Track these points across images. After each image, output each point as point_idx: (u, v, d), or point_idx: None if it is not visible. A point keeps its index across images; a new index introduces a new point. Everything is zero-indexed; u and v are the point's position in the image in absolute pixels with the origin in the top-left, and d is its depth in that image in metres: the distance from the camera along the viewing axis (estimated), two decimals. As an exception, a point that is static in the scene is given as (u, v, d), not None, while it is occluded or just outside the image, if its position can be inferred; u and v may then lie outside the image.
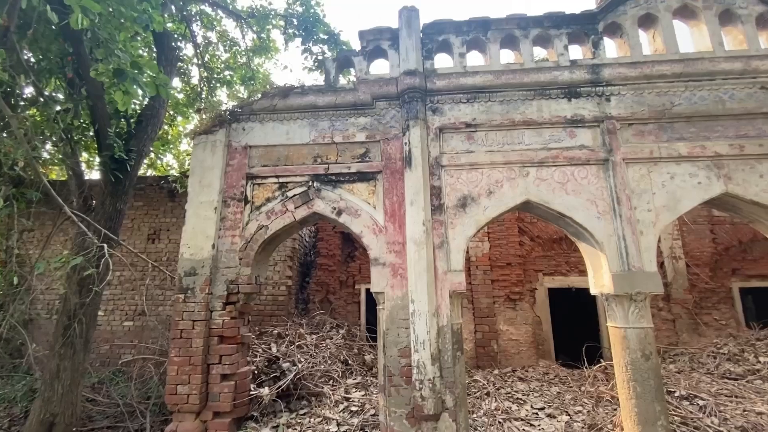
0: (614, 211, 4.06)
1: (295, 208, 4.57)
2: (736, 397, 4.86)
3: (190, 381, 4.15)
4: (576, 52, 4.71)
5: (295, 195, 4.63)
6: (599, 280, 4.16)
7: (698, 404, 4.62)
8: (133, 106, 6.54)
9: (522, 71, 4.57)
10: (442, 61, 4.93)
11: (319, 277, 8.85)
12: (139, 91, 3.67)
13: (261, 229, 4.57)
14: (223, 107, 5.08)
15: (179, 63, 10.27)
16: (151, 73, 3.63)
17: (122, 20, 3.76)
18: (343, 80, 5.52)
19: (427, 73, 4.73)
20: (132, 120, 6.14)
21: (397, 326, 4.10)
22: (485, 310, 8.08)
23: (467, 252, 8.56)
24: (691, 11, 4.56)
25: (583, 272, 8.35)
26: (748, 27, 4.38)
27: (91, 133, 5.91)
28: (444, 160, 4.48)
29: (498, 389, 5.98)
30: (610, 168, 4.15)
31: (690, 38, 4.71)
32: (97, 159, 6.04)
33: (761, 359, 5.71)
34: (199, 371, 4.16)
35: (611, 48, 4.68)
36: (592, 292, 4.29)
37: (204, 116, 5.32)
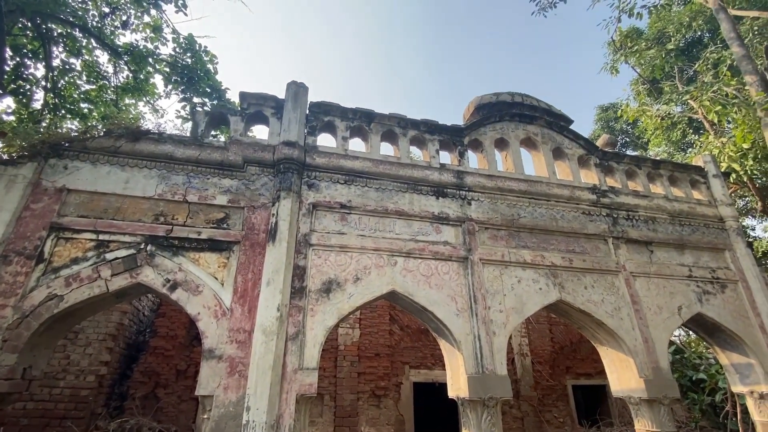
0: (471, 310, 4.13)
1: (112, 275, 3.55)
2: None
3: None
4: (445, 157, 5.19)
5: (116, 259, 3.64)
6: (456, 382, 4.02)
7: None
8: None
9: (398, 164, 4.76)
10: (325, 140, 4.89)
11: (148, 365, 7.04)
12: None
13: (52, 299, 3.37)
14: (41, 135, 4.00)
15: (20, 81, 8.54)
16: None
17: None
18: (223, 138, 5.03)
19: (308, 148, 4.60)
20: None
21: (222, 442, 3.17)
22: (348, 408, 7.31)
23: (336, 340, 7.97)
24: (533, 143, 5.54)
25: (447, 366, 8.41)
26: (573, 164, 5.47)
27: None
28: (314, 238, 4.15)
29: None
30: (469, 266, 4.34)
31: (532, 164, 5.64)
32: None
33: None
34: None
35: (474, 160, 5.29)
36: (450, 395, 4.11)
37: (16, 142, 4.12)
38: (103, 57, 13.61)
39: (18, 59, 8.28)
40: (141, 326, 8.35)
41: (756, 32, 10.41)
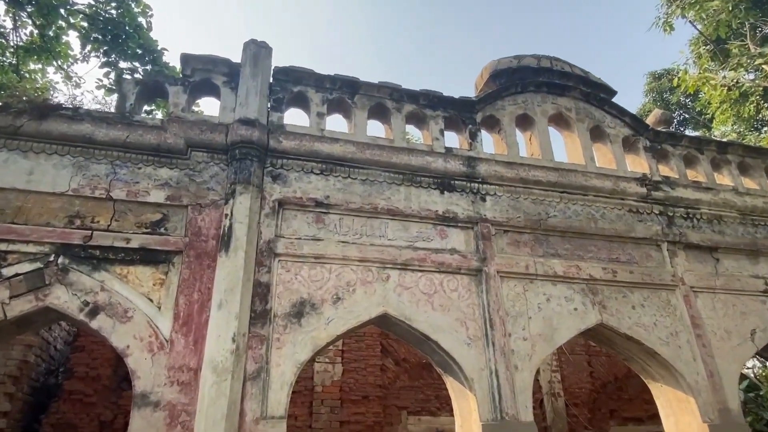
0: (487, 338, 4.16)
1: (11, 297, 3.51)
2: None
3: None
4: (452, 139, 5.22)
5: (17, 275, 3.60)
6: (468, 432, 4.05)
7: None
8: None
9: (391, 149, 4.77)
10: (295, 118, 4.89)
11: (62, 415, 6.98)
12: None
13: (-71, 329, 3.31)
14: None
15: None
16: None
17: None
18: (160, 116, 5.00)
19: (273, 128, 4.59)
20: None
21: None
22: (326, 469, 7.31)
23: (311, 379, 7.96)
24: (565, 121, 5.60)
25: (456, 411, 8.45)
26: (616, 147, 5.55)
27: None
28: (280, 246, 4.14)
29: None
30: (484, 281, 4.37)
31: (563, 149, 5.71)
32: None
33: None
34: None
35: (489, 142, 5.35)
36: (460, 448, 4.14)
37: None
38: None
39: None
40: (52, 364, 8.25)
41: None
